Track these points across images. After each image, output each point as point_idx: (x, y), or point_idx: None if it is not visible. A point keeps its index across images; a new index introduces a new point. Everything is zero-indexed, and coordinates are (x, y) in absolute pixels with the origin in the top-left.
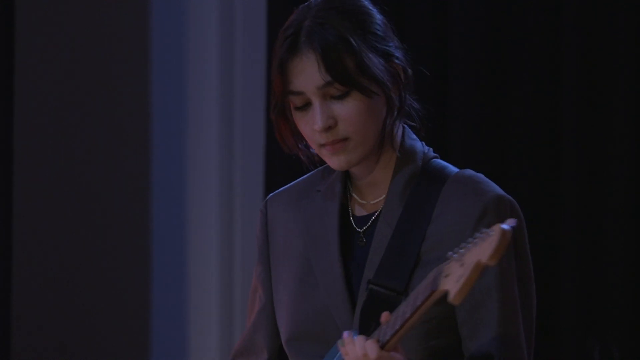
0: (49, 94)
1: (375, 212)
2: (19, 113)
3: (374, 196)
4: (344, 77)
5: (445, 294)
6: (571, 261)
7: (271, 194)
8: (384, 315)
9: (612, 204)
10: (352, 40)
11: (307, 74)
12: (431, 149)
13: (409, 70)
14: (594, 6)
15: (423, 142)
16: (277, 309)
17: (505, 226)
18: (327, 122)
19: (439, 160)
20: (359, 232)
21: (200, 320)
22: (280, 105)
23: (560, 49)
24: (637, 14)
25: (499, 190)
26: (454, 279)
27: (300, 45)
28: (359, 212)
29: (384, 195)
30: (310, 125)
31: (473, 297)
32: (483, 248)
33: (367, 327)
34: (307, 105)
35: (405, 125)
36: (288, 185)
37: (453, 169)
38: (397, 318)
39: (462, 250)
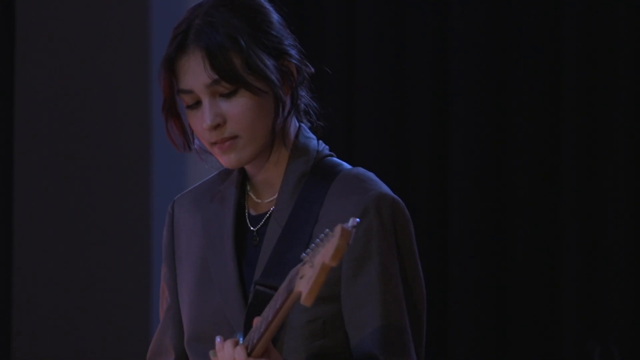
0: (50, 94)
1: (269, 211)
2: (20, 113)
3: (268, 195)
4: (230, 75)
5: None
6: (571, 262)
7: (178, 195)
8: (255, 320)
9: (613, 206)
10: (239, 38)
11: (195, 73)
12: (327, 147)
13: (304, 69)
14: (595, 9)
15: (321, 141)
16: (181, 310)
17: (346, 225)
18: (215, 120)
19: (333, 159)
20: (253, 230)
21: None
22: (169, 104)
23: (560, 51)
24: (637, 16)
25: (383, 188)
26: (305, 280)
27: (187, 44)
28: (254, 210)
29: (277, 194)
30: (201, 124)
31: (356, 297)
32: (327, 249)
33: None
34: (197, 104)
35: (302, 124)
36: (194, 185)
37: (345, 167)
38: (263, 321)
39: (312, 251)
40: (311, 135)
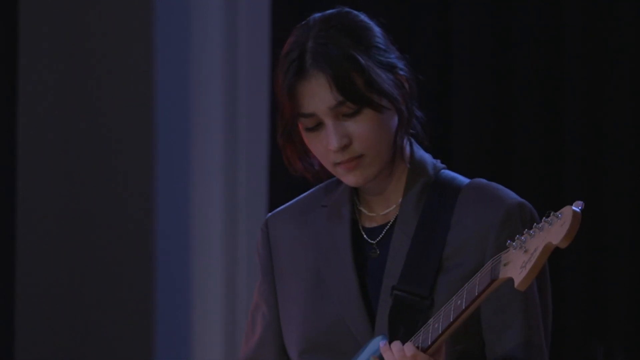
0: (52, 95)
1: (387, 223)
2: (22, 114)
3: (383, 208)
4: (355, 96)
5: (505, 282)
6: (575, 263)
7: (270, 214)
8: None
9: (616, 207)
10: (358, 57)
11: (318, 96)
12: (439, 160)
13: (412, 80)
14: (597, 8)
15: (430, 154)
16: (285, 324)
17: (575, 208)
18: (342, 141)
19: (449, 171)
20: (372, 243)
21: (204, 327)
22: (288, 130)
23: (563, 52)
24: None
25: (518, 196)
26: (517, 265)
27: (307, 68)
28: (369, 224)
29: (393, 206)
30: (324, 146)
31: (498, 300)
32: (552, 232)
33: (396, 333)
34: (318, 126)
35: (411, 138)
36: (288, 203)
37: (464, 178)
38: (450, 311)
39: (523, 238)
40: (421, 148)
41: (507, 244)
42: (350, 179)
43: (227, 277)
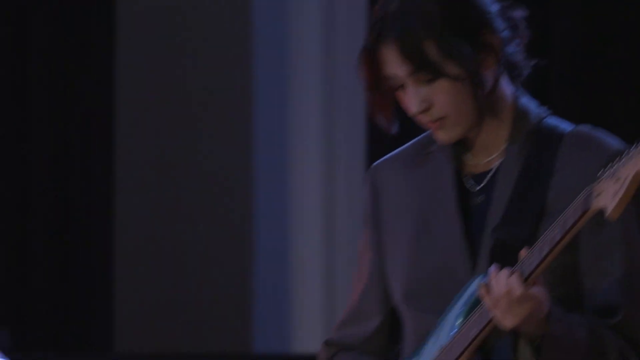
0: (150, 95)
1: (490, 170)
2: (120, 109)
3: (486, 155)
4: (426, 66)
5: (598, 213)
6: None
7: (376, 162)
8: (523, 251)
9: None
10: (433, 27)
11: (393, 63)
12: (545, 107)
13: (510, 37)
14: None
15: (536, 101)
16: (390, 270)
17: None
18: (421, 106)
19: (553, 118)
20: (475, 190)
21: (302, 301)
22: (373, 88)
23: None
24: None
25: (621, 142)
26: (608, 195)
27: (383, 35)
28: (472, 171)
29: (496, 154)
30: (409, 106)
31: (598, 246)
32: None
33: None
34: (403, 86)
35: (517, 85)
36: (392, 152)
37: (568, 125)
38: (544, 245)
39: (613, 168)
40: (528, 96)
41: (598, 174)
42: (437, 137)
43: (327, 231)
